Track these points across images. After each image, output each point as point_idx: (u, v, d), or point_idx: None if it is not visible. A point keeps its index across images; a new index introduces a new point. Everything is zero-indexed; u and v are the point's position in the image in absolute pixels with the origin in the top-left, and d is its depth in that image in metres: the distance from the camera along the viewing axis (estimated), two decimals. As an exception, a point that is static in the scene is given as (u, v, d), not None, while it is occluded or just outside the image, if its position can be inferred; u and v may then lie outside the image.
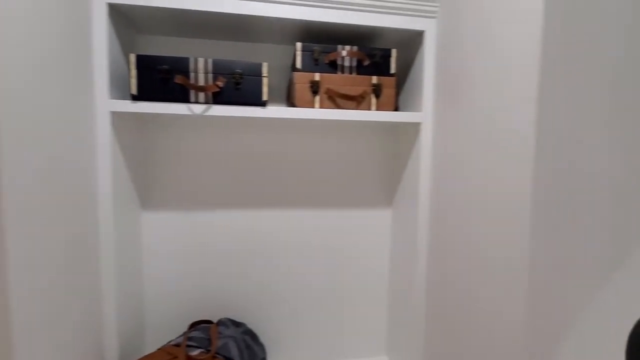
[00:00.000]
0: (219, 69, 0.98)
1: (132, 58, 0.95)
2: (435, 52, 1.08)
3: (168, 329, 1.26)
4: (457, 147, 0.97)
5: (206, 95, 0.98)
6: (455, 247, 0.99)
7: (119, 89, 1.02)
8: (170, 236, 1.23)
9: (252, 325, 1.31)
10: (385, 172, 1.38)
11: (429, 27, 1.07)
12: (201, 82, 0.98)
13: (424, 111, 1.10)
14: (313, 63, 1.06)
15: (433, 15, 1.07)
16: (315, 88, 1.04)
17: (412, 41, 1.18)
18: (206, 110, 0.97)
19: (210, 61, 0.98)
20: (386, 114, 1.08)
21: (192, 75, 0.98)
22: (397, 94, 1.27)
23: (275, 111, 1.01)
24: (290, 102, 1.10)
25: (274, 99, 1.25)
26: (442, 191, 1.06)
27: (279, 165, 1.29)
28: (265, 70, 1.00)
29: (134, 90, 0.95)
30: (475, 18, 0.88)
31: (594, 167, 0.72)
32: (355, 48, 1.08)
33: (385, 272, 1.42)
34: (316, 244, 1.35)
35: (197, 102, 0.98)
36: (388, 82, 1.09)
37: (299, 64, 1.06)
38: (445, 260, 1.04)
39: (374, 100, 1.09)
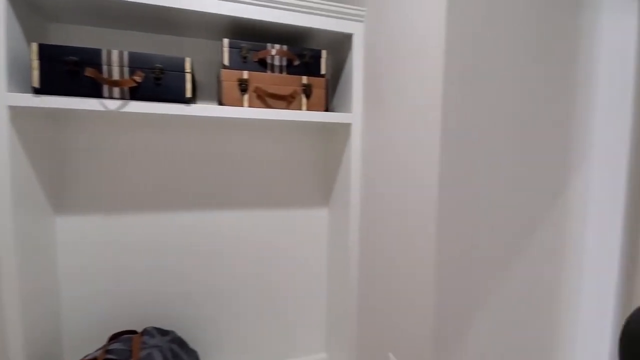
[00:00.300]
0: (136, 63, 0.92)
1: (34, 47, 0.86)
2: (363, 54, 1.11)
3: (88, 343, 1.16)
4: (382, 148, 1.01)
5: (121, 91, 0.91)
6: (381, 244, 1.02)
7: (22, 82, 0.92)
8: (89, 241, 1.14)
9: (186, 331, 1.26)
10: (321, 172, 1.40)
11: (357, 31, 1.10)
12: (116, 76, 0.91)
13: (354, 112, 1.13)
14: (241, 61, 1.04)
15: (361, 19, 1.10)
16: (243, 86, 1.02)
17: (342, 44, 1.20)
18: (122, 106, 0.91)
19: (126, 54, 0.92)
20: (316, 114, 1.09)
21: (105, 68, 0.91)
22: (329, 94, 1.29)
23: (200, 109, 0.97)
24: (219, 100, 1.07)
25: (205, 97, 1.21)
26: (370, 191, 1.09)
27: (211, 165, 1.25)
28: (188, 66, 0.96)
29: (35, 82, 0.86)
30: (395, 24, 0.92)
31: (492, 165, 0.78)
32: (285, 47, 1.08)
33: (323, 270, 1.44)
34: (252, 245, 1.33)
35: (111, 97, 0.91)
36: (318, 83, 1.10)
37: (226, 61, 1.03)
38: (374, 256, 1.08)
39: (304, 100, 1.09)
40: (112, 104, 0.90)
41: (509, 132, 0.79)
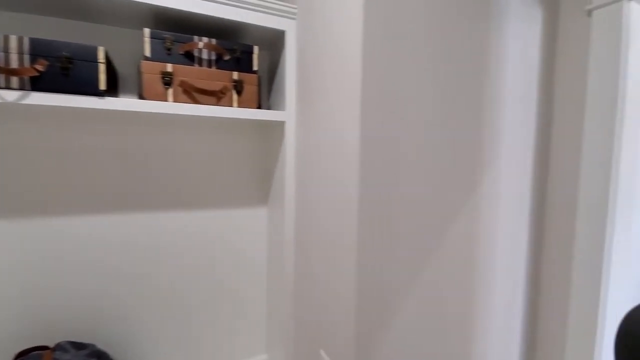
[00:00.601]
0: (39, 50, 0.83)
1: None
2: (296, 52, 1.11)
3: (-9, 362, 1.04)
4: (313, 147, 1.01)
5: (21, 80, 0.82)
6: (313, 243, 1.02)
7: None
8: (-11, 250, 1.01)
9: (113, 342, 1.16)
10: (260, 171, 1.37)
11: (290, 28, 1.09)
12: (14, 64, 0.82)
13: (287, 111, 1.12)
14: (165, 52, 0.99)
15: (293, 16, 1.09)
16: (167, 80, 0.97)
17: (277, 41, 1.18)
18: (21, 97, 0.82)
19: (26, 40, 0.82)
20: (248, 111, 1.06)
21: (1, 55, 0.81)
22: (261, 91, 1.27)
23: (116, 102, 0.90)
24: (139, 94, 1.00)
25: (131, 90, 1.13)
26: (305, 190, 1.09)
27: (142, 164, 1.17)
28: (102, 55, 0.88)
29: None
30: (320, 23, 0.92)
31: (409, 165, 0.81)
32: (214, 41, 1.04)
33: (263, 270, 1.41)
34: (187, 247, 1.27)
35: (8, 87, 0.82)
36: (250, 79, 1.08)
37: (147, 52, 0.97)
38: (308, 255, 1.08)
39: (235, 96, 1.06)
40: (10, 95, 0.81)
41: (424, 132, 0.82)
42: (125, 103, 0.91)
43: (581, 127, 0.96)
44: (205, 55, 1.04)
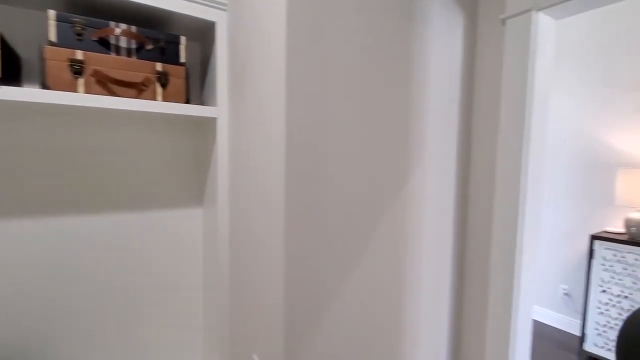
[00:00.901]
0: None
1: None
2: (227, 45, 1.06)
3: None
4: (245, 143, 0.97)
5: None
6: (246, 244, 0.99)
7: None
8: None
9: (39, 343, 1.02)
10: (194, 171, 1.29)
11: (220, 19, 1.04)
12: None
13: (219, 106, 1.07)
14: (75, 38, 0.89)
15: (223, 7, 1.04)
16: (77, 68, 0.87)
17: (208, 32, 1.12)
18: None
19: None
20: (174, 106, 0.99)
21: None
22: (189, 85, 1.20)
23: (11, 92, 0.79)
24: (42, 83, 0.89)
25: (33, 78, 1.00)
26: (238, 189, 1.05)
27: (58, 163, 1.04)
28: (-9, 38, 0.77)
29: None
30: (252, 14, 0.89)
31: (339, 166, 0.81)
32: (133, 28, 0.95)
33: (200, 274, 1.34)
34: (111, 253, 1.16)
35: None
36: (176, 72, 1.01)
37: (53, 37, 0.86)
38: (242, 257, 1.03)
39: (159, 89, 0.99)
40: None
41: (354, 132, 0.82)
42: (23, 93, 0.80)
43: (497, 129, 1.03)
44: (123, 44, 0.95)
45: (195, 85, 1.26)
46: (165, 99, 0.99)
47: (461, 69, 1.01)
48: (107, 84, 0.91)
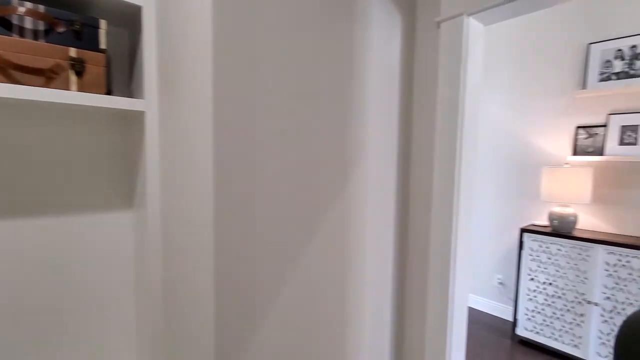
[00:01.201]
0: None
1: None
2: (156, 33, 0.98)
3: None
4: (176, 139, 0.90)
5: None
6: (178, 248, 0.92)
7: None
8: None
9: None
10: (122, 170, 1.18)
11: (147, 3, 0.95)
12: None
13: (147, 99, 0.98)
14: (-37, 14, 0.76)
15: (151, -10, 0.96)
16: (-35, 50, 0.74)
17: (135, 18, 1.03)
18: None
19: None
20: (90, 96, 0.89)
21: None
22: (111, 75, 1.10)
23: None
24: None
25: None
26: (170, 189, 0.97)
27: None
28: None
29: None
30: (177, 2, 0.82)
31: (277, 165, 0.78)
32: (41, 7, 0.84)
33: (131, 280, 1.22)
34: (33, 264, 1.01)
35: None
36: (95, 59, 0.91)
37: None
38: (174, 261, 0.96)
39: (74, 78, 0.88)
40: None
41: (293, 134, 0.79)
42: None
43: (434, 125, 1.06)
44: (29, 25, 0.83)
45: (124, 77, 1.15)
46: (81, 89, 0.89)
47: (400, 68, 1.02)
48: (7, 70, 0.79)
